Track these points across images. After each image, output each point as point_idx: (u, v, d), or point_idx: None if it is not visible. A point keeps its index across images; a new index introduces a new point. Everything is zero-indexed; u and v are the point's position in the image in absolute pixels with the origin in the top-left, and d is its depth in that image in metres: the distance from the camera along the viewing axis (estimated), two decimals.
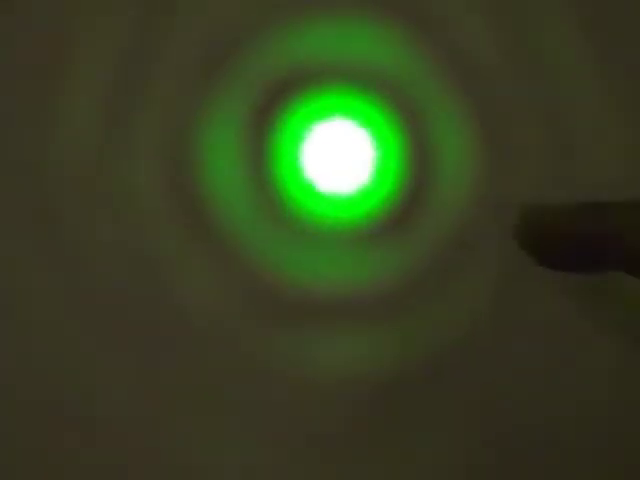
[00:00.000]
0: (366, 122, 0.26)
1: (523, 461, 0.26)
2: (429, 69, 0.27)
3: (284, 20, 0.27)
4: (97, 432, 0.26)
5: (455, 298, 0.26)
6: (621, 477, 0.26)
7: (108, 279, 0.26)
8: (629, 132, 0.27)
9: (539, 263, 0.23)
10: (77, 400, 0.26)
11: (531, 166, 0.27)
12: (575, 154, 0.27)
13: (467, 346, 0.26)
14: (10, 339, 0.26)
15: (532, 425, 0.26)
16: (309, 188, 0.26)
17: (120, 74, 0.27)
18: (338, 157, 0.26)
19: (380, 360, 0.26)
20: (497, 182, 0.26)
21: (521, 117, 0.27)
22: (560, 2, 0.27)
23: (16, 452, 0.26)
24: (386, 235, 0.26)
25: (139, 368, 0.26)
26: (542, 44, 0.27)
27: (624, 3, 0.27)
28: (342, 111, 0.26)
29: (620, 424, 0.26)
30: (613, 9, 0.27)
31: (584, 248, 0.21)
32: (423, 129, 0.26)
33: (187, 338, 0.26)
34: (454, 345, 0.26)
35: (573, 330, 0.26)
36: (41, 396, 0.26)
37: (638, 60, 0.27)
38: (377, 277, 0.26)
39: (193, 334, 0.26)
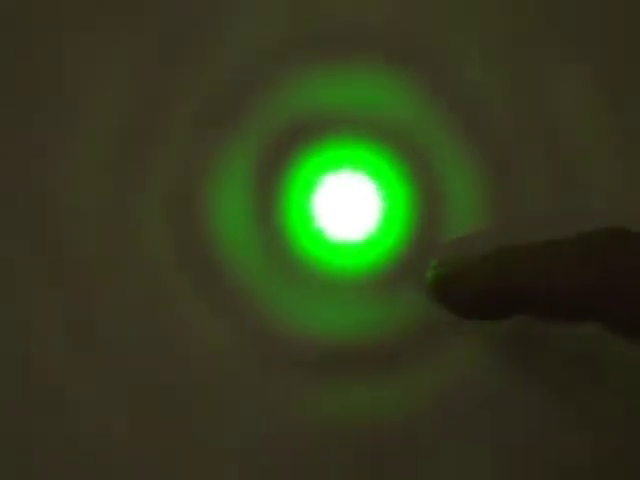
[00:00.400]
0: (374, 172, 0.27)
1: None
2: (436, 119, 0.27)
3: (294, 72, 0.27)
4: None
5: (461, 347, 0.26)
6: None
7: (113, 325, 0.26)
8: (630, 165, 0.27)
9: (448, 311, 0.24)
10: (76, 449, 0.26)
11: (538, 213, 0.27)
12: (584, 198, 0.27)
13: (470, 396, 0.26)
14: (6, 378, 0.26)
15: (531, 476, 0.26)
16: (319, 237, 0.26)
17: (128, 125, 0.27)
18: (347, 206, 0.26)
19: (383, 408, 0.26)
20: (504, 231, 0.26)
21: (528, 165, 0.27)
22: (562, 51, 0.27)
23: None
24: (394, 283, 0.26)
25: (142, 417, 0.26)
26: (548, 92, 0.27)
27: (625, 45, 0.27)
28: (351, 161, 0.27)
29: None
30: (614, 49, 0.27)
31: (490, 299, 0.22)
32: (430, 178, 0.27)
33: (191, 385, 0.26)
34: (457, 395, 0.26)
35: (572, 382, 0.26)
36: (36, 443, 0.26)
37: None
38: (385, 325, 0.26)
39: (199, 381, 0.26)
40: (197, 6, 0.27)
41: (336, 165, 0.27)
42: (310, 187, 0.27)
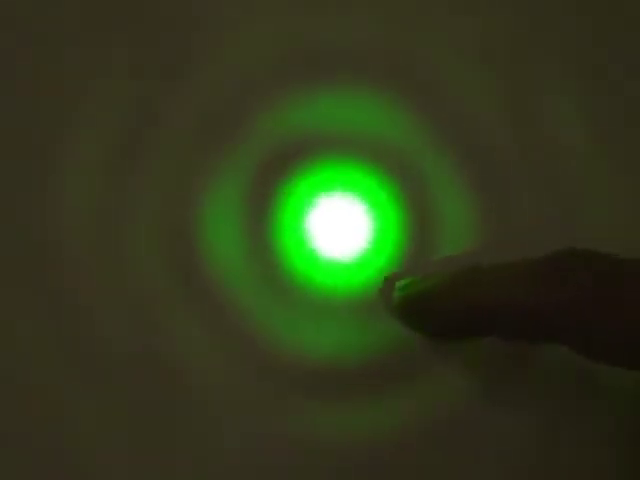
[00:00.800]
0: (366, 192, 0.27)
1: None
2: (428, 140, 0.27)
3: (286, 93, 0.27)
4: None
5: (455, 367, 0.26)
6: None
7: (107, 344, 0.26)
8: (629, 195, 0.27)
9: (416, 332, 0.24)
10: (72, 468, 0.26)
11: (532, 235, 0.27)
12: (576, 221, 0.27)
13: (466, 418, 0.26)
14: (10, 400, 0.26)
15: None
16: (311, 257, 0.26)
17: (121, 140, 0.27)
18: (339, 227, 0.26)
19: (378, 430, 0.26)
20: (498, 252, 0.26)
21: (522, 186, 0.27)
22: (562, 70, 0.27)
23: None
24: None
25: (136, 435, 0.26)
26: (543, 112, 0.27)
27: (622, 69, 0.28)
28: (342, 182, 0.27)
29: None
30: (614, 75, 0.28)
31: (455, 320, 0.22)
32: (422, 199, 0.27)
33: (186, 406, 0.26)
34: (454, 416, 0.26)
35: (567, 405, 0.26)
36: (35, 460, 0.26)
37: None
38: (376, 345, 0.26)
39: (192, 403, 0.26)
40: (194, 23, 0.28)
41: (328, 186, 0.27)
42: (303, 208, 0.27)
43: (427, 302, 0.23)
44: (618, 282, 0.19)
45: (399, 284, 0.25)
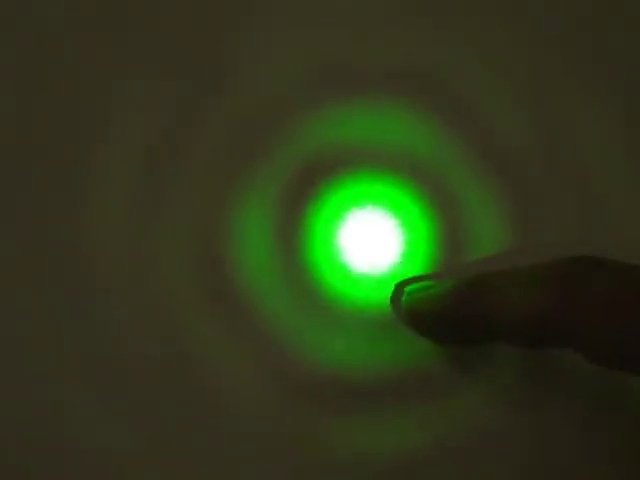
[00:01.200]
0: (396, 207, 0.27)
1: None
2: (459, 155, 0.27)
3: (316, 108, 0.27)
4: None
5: (485, 383, 0.26)
6: None
7: (138, 358, 0.26)
8: None
9: (424, 337, 0.24)
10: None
11: (564, 246, 0.27)
12: (608, 231, 0.27)
13: (491, 433, 0.26)
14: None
15: None
16: (342, 271, 0.26)
17: (152, 158, 0.27)
18: (370, 241, 0.27)
19: (403, 444, 0.26)
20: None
21: (553, 198, 0.27)
22: (592, 84, 0.27)
23: None
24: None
25: (155, 446, 0.26)
26: (573, 124, 0.27)
27: None
28: (373, 196, 0.27)
29: None
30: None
31: (462, 326, 0.22)
32: (454, 213, 0.27)
33: (216, 417, 0.26)
34: (480, 431, 0.26)
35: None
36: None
37: None
38: (406, 358, 0.26)
39: (222, 415, 0.26)
40: (227, 36, 0.28)
41: (359, 200, 0.27)
42: (333, 222, 0.27)
43: (435, 307, 0.23)
44: (628, 287, 0.19)
45: (408, 289, 0.25)
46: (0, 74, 0.28)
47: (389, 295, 0.26)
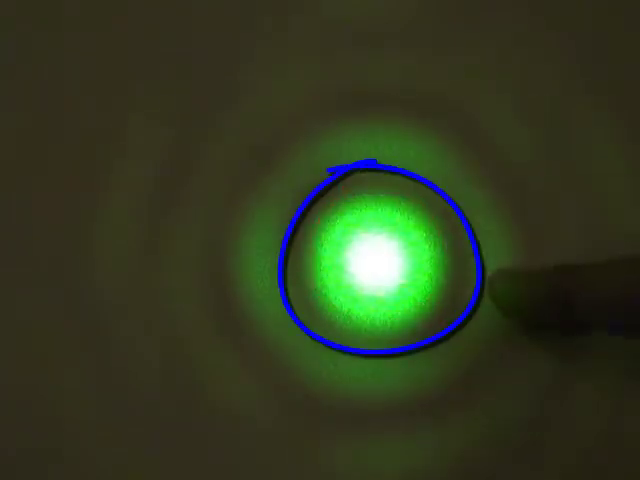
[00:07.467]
0: (402, 230, 0.27)
1: None
2: (465, 178, 0.27)
3: (323, 131, 0.28)
4: None
5: (497, 404, 0.26)
6: None
7: (151, 389, 0.27)
8: None
9: (512, 319, 0.25)
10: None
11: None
12: (614, 249, 0.27)
13: (505, 455, 0.26)
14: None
15: None
16: (349, 292, 0.27)
17: (158, 188, 0.28)
18: (377, 263, 0.27)
19: (415, 467, 0.26)
20: None
21: (557, 221, 0.27)
22: (593, 104, 0.27)
23: None
24: (422, 336, 0.27)
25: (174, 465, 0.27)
26: (578, 144, 0.27)
27: None
28: (380, 220, 0.27)
29: None
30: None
31: (552, 305, 0.23)
32: (457, 236, 0.27)
33: (222, 445, 0.26)
34: (493, 451, 0.26)
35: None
36: None
37: None
38: (414, 379, 0.26)
39: (228, 444, 0.26)
40: (243, 57, 0.28)
41: (366, 223, 0.27)
42: (341, 244, 0.27)
43: (523, 279, 0.24)
44: None
45: (502, 272, 0.25)
46: (10, 121, 0.28)
47: (396, 315, 0.26)
